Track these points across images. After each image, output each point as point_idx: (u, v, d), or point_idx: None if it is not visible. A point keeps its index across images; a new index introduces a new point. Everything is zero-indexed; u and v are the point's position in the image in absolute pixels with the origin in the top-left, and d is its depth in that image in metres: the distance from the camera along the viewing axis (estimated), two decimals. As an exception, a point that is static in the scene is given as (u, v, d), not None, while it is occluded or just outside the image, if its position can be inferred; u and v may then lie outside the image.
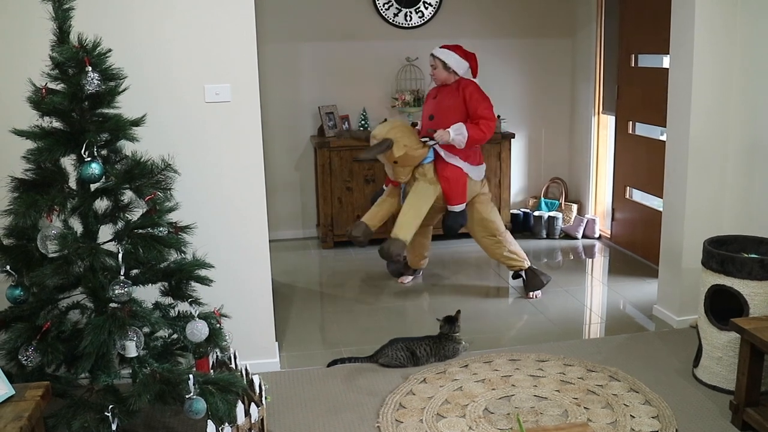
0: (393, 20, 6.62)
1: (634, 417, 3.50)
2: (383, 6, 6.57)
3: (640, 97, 5.94)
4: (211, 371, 3.41)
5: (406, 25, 6.66)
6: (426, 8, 6.64)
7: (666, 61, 5.46)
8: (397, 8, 6.59)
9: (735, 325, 3.40)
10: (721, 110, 4.36)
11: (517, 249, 5.23)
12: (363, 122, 6.55)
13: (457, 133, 4.87)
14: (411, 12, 6.63)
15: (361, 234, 5.05)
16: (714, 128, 4.37)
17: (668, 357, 4.17)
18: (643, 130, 6.06)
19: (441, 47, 5.04)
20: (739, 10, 4.24)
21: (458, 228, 5.10)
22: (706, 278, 3.81)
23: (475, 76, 5.17)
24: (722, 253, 3.69)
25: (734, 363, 3.61)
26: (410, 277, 5.62)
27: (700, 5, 4.20)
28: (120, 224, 3.06)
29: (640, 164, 6.01)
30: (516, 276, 5.31)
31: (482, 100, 4.96)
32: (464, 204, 5.04)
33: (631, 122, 6.17)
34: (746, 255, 3.74)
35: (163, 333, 3.32)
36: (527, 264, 5.24)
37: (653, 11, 5.62)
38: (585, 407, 3.60)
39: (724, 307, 3.74)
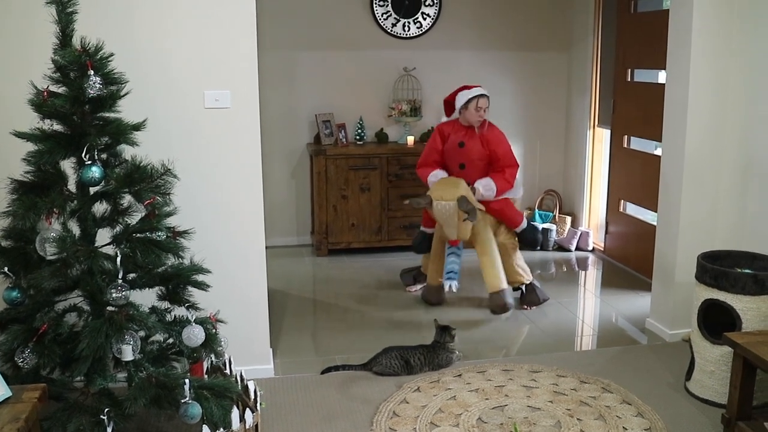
0: (391, 30, 6.65)
1: (626, 429, 3.51)
2: (382, 16, 6.60)
3: (635, 111, 5.98)
4: (206, 376, 3.41)
5: (404, 36, 6.69)
6: (424, 19, 6.68)
7: (662, 77, 5.51)
8: (395, 18, 6.63)
9: (728, 340, 3.42)
10: (716, 126, 4.39)
11: (524, 265, 5.33)
12: (359, 131, 6.57)
13: (487, 189, 5.00)
14: (409, 22, 6.67)
15: (439, 297, 5.26)
16: (709, 143, 4.41)
17: (661, 370, 4.19)
18: (638, 144, 6.10)
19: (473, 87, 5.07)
20: (736, 26, 4.28)
21: (539, 239, 5.38)
22: (699, 292, 3.83)
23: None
24: (716, 267, 3.72)
25: (727, 377, 3.63)
26: (420, 287, 5.59)
27: (697, 22, 4.24)
28: (119, 228, 3.07)
29: (635, 178, 6.04)
30: (516, 288, 5.33)
31: (507, 148, 5.10)
32: (525, 220, 5.23)
33: (626, 136, 6.21)
34: (740, 270, 3.77)
35: (158, 337, 3.32)
36: (529, 280, 5.30)
37: (650, 26, 5.66)
38: (578, 418, 3.61)
39: (716, 322, 3.76)
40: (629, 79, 6.11)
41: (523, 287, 5.30)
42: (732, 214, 4.47)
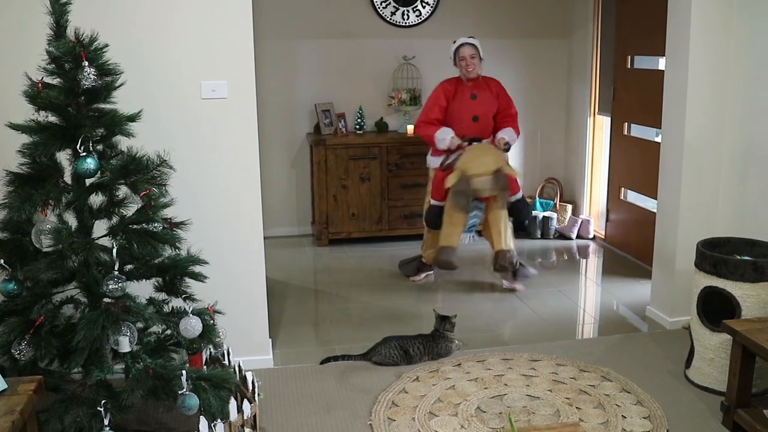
0: (390, 19, 6.62)
1: (625, 417, 3.51)
2: (381, 4, 6.57)
3: (635, 98, 5.96)
4: (205, 367, 3.41)
5: (404, 24, 6.66)
6: (423, 7, 6.65)
7: (662, 63, 5.48)
8: (394, 7, 6.60)
9: (727, 327, 3.41)
10: (715, 112, 4.37)
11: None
12: (359, 120, 6.55)
13: (512, 139, 5.07)
14: (408, 11, 6.63)
15: (454, 259, 5.07)
16: (709, 130, 4.39)
17: (660, 358, 4.19)
18: (638, 131, 6.08)
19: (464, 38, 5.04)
20: (735, 13, 4.26)
21: (529, 214, 5.27)
22: (698, 280, 3.82)
23: None
24: (715, 255, 3.70)
25: (726, 364, 3.62)
26: (424, 275, 5.56)
27: (696, 8, 4.22)
28: (115, 219, 3.06)
29: (635, 165, 6.02)
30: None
31: (510, 99, 5.17)
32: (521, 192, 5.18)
33: (626, 123, 6.18)
34: (739, 257, 3.75)
35: (156, 329, 3.32)
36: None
37: (650, 13, 5.63)
38: (577, 407, 3.61)
39: (716, 309, 3.75)
40: (629, 66, 6.08)
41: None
42: (732, 200, 4.45)
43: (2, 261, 2.96)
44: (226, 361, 3.58)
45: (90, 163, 2.85)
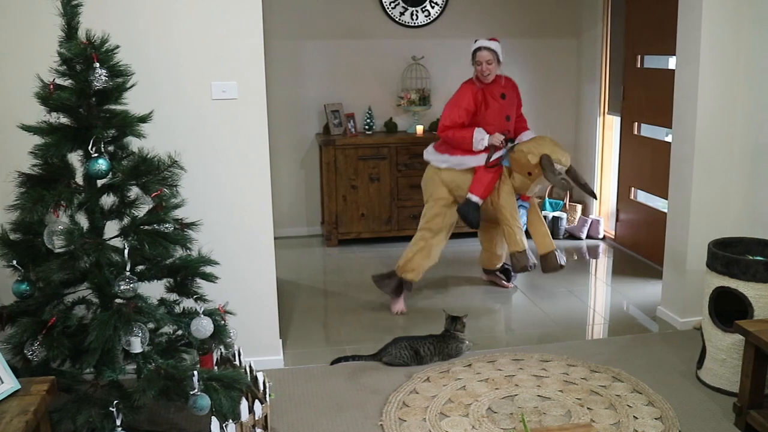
0: (399, 19, 6.62)
1: (637, 418, 3.50)
2: (390, 4, 6.57)
3: (645, 98, 5.94)
4: (215, 368, 3.41)
5: (412, 24, 6.66)
6: (432, 7, 6.65)
7: (672, 63, 5.46)
8: (403, 7, 6.60)
9: (739, 328, 3.40)
10: (726, 112, 4.35)
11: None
12: (368, 121, 6.55)
13: None
14: (417, 11, 6.63)
15: (530, 261, 4.88)
16: (719, 130, 4.37)
17: (671, 358, 4.17)
18: (648, 131, 6.06)
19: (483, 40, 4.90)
20: (746, 12, 4.24)
21: (471, 220, 4.87)
22: (710, 280, 3.80)
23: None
24: (727, 255, 3.69)
25: (738, 365, 3.60)
26: (401, 303, 5.02)
27: (707, 8, 4.20)
28: (126, 220, 3.07)
29: (645, 165, 6.00)
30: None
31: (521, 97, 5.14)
32: (476, 197, 4.94)
33: (636, 123, 6.16)
34: (751, 257, 3.74)
35: (167, 329, 3.33)
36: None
37: (659, 12, 5.61)
38: (588, 408, 3.60)
39: (728, 309, 3.73)
40: (639, 66, 6.06)
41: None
42: (742, 200, 4.43)
43: (15, 262, 2.98)
44: (237, 362, 3.58)
45: (101, 164, 2.86)
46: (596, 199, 4.82)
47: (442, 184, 4.94)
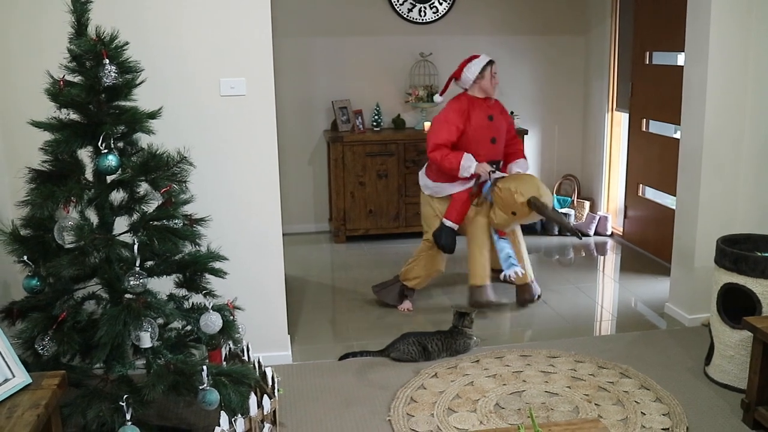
0: (407, 15, 6.62)
1: (645, 414, 3.50)
2: (398, 1, 6.57)
3: (654, 94, 5.93)
4: (224, 363, 3.43)
5: (420, 21, 6.66)
6: (440, 4, 6.64)
7: (680, 59, 5.45)
8: (411, 3, 6.60)
9: (748, 324, 3.39)
10: (735, 108, 4.34)
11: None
12: (376, 117, 6.56)
13: (525, 170, 4.89)
14: (425, 7, 6.63)
15: (491, 296, 4.83)
16: (728, 126, 4.36)
17: (680, 355, 4.17)
18: (656, 127, 6.05)
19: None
20: (755, 7, 4.22)
21: (445, 245, 4.80)
22: (718, 277, 3.80)
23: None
24: (735, 251, 3.68)
25: (746, 362, 3.60)
26: (408, 304, 5.02)
27: (716, 4, 4.18)
28: (135, 216, 3.09)
29: (653, 162, 5.99)
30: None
31: (511, 118, 4.98)
32: (449, 222, 4.84)
33: (644, 120, 6.15)
34: (759, 254, 3.73)
35: (177, 324, 3.34)
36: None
37: (668, 9, 5.60)
38: (596, 404, 3.60)
39: (736, 306, 3.73)
40: (647, 62, 6.05)
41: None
42: (751, 197, 4.42)
43: (25, 257, 2.99)
44: (246, 357, 3.59)
45: (111, 159, 2.87)
46: (580, 239, 4.75)
47: (430, 209, 4.88)
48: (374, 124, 6.58)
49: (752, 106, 4.33)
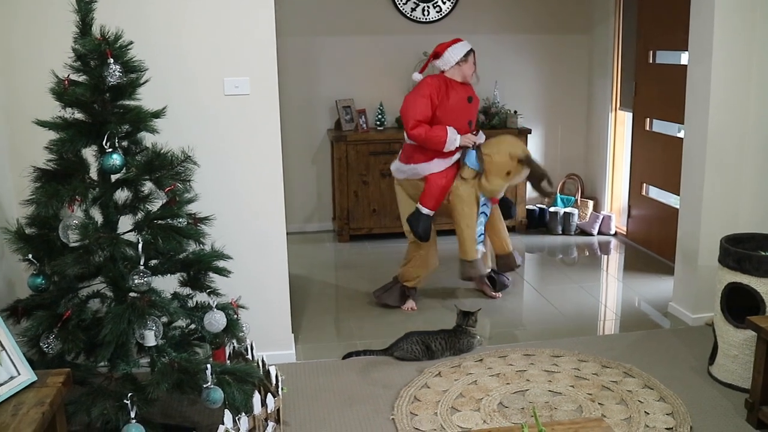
0: (410, 14, 6.62)
1: (648, 413, 3.50)
2: (401, 0, 6.57)
3: (657, 93, 5.92)
4: (228, 362, 3.44)
5: (424, 20, 6.66)
6: (444, 3, 6.64)
7: (684, 58, 5.44)
8: (414, 2, 6.60)
9: (752, 324, 3.39)
10: (739, 108, 4.34)
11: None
12: (380, 116, 6.56)
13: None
14: (429, 6, 6.63)
15: (483, 269, 4.83)
16: (732, 126, 4.35)
17: (683, 354, 4.17)
18: (660, 126, 6.04)
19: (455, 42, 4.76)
20: (759, 7, 4.22)
21: (418, 232, 4.78)
22: (722, 276, 3.80)
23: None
24: (739, 251, 3.68)
25: (750, 361, 3.60)
26: (411, 303, 5.01)
27: (720, 3, 4.17)
28: (140, 215, 3.09)
29: (657, 161, 5.99)
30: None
31: None
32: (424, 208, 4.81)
33: (648, 119, 6.15)
34: (763, 253, 3.73)
35: (180, 323, 3.35)
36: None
37: (672, 8, 5.59)
38: (599, 403, 3.60)
39: (740, 305, 3.73)
40: (651, 61, 6.04)
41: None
42: (755, 196, 4.42)
43: (30, 256, 3.00)
44: (250, 356, 3.60)
45: (116, 159, 2.88)
46: (552, 191, 4.76)
47: (407, 196, 4.86)
48: (378, 123, 6.58)
49: (756, 104, 4.33)
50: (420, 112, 4.56)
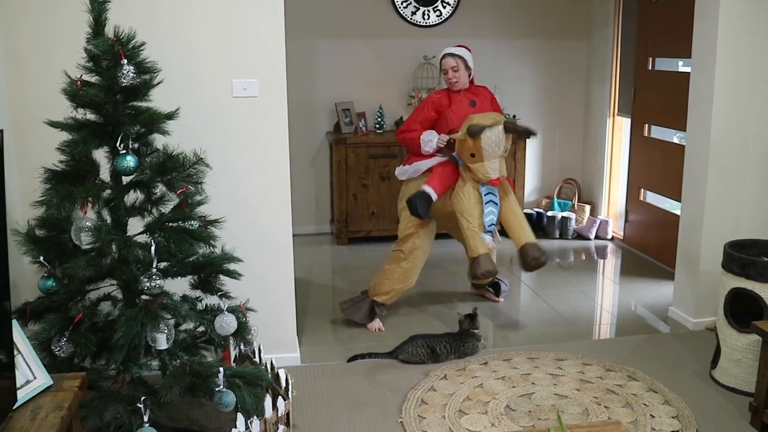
0: (411, 18, 6.64)
1: (654, 417, 3.52)
2: (401, 4, 6.59)
3: (656, 100, 5.96)
4: (233, 364, 3.42)
5: (424, 24, 6.68)
6: (444, 7, 6.66)
7: (683, 65, 5.48)
8: (415, 6, 6.61)
9: (756, 328, 3.42)
10: (741, 116, 4.37)
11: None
12: (379, 120, 6.57)
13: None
14: (429, 11, 6.65)
15: (494, 265, 4.50)
16: (734, 133, 4.39)
17: (685, 358, 4.20)
18: (658, 133, 6.08)
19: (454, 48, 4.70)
20: (763, 15, 4.25)
21: (417, 209, 4.50)
22: (726, 281, 3.83)
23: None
24: (743, 256, 3.71)
25: (754, 365, 3.63)
26: (377, 323, 4.77)
27: (724, 12, 4.21)
28: (151, 217, 3.08)
29: (655, 167, 6.02)
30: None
31: (500, 108, 4.82)
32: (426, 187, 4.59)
33: (646, 125, 6.18)
34: (767, 259, 3.76)
35: (187, 326, 3.34)
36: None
37: (671, 15, 5.63)
38: (605, 406, 3.62)
39: (743, 310, 3.76)
40: (650, 68, 6.08)
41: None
42: (757, 202, 4.46)
43: (41, 258, 2.98)
44: (258, 359, 3.59)
45: (130, 160, 2.87)
46: (533, 134, 4.63)
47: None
48: (377, 126, 6.59)
49: (759, 111, 4.36)
50: (407, 124, 4.73)
